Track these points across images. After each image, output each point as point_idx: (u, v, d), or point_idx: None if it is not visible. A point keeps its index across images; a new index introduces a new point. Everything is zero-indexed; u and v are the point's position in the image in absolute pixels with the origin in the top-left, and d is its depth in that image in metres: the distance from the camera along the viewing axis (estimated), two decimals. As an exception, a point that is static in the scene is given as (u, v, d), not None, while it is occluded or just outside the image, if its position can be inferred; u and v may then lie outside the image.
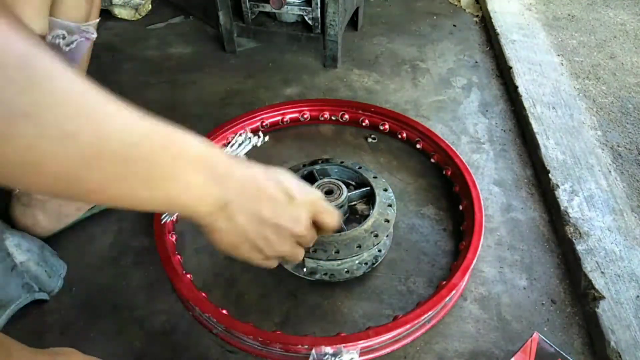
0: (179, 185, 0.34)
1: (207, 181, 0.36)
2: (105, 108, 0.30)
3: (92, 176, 0.30)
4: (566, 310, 0.68)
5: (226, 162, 0.37)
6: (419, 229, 0.78)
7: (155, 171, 0.33)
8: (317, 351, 0.58)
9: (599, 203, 0.79)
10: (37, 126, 0.27)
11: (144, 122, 0.32)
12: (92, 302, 0.69)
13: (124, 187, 0.32)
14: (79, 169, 0.29)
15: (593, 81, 1.08)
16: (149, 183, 0.33)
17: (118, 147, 0.30)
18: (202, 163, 0.35)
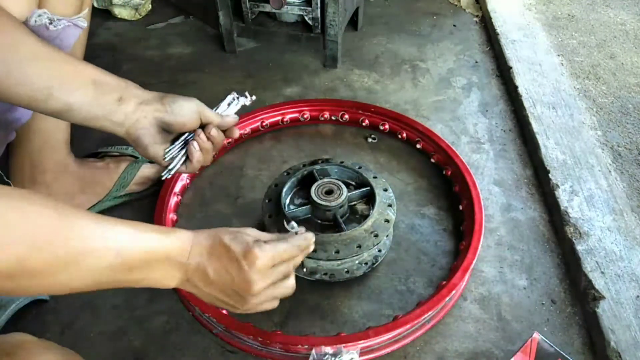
0: (147, 283, 0.45)
1: (170, 274, 0.46)
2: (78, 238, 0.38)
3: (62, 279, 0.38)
4: (566, 310, 0.68)
5: (184, 251, 0.46)
6: (419, 229, 0.78)
7: (125, 280, 0.42)
8: (317, 351, 0.58)
9: (599, 203, 0.79)
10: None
11: (115, 243, 0.40)
12: (92, 302, 0.69)
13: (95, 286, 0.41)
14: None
15: (593, 81, 1.08)
16: (120, 283, 0.42)
17: (90, 266, 0.39)
18: (166, 264, 0.45)
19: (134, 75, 1.13)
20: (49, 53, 0.51)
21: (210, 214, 0.82)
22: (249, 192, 0.84)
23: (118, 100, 0.53)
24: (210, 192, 0.86)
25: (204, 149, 0.58)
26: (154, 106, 0.55)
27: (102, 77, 0.54)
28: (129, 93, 0.54)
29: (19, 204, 0.35)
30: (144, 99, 0.55)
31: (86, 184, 0.77)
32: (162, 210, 0.75)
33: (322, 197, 0.70)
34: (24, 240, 0.35)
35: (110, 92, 0.53)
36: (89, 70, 0.53)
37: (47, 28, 0.56)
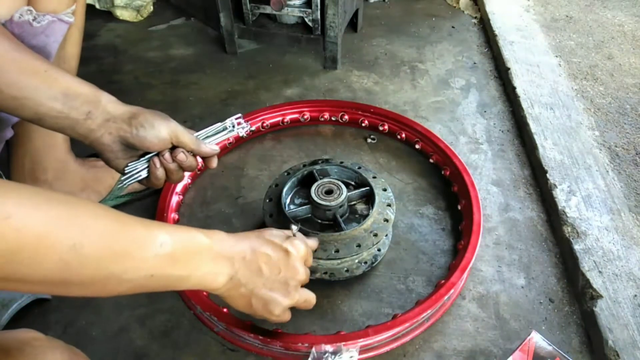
0: (196, 281, 0.44)
1: (217, 270, 0.46)
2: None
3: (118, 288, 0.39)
4: (564, 309, 0.69)
5: (229, 244, 0.47)
6: (418, 229, 0.79)
7: (176, 278, 0.42)
8: (317, 349, 0.58)
9: (597, 203, 0.80)
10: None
11: (161, 250, 0.40)
12: (93, 301, 0.69)
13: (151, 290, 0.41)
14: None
15: (591, 82, 1.09)
16: (167, 280, 0.42)
17: (139, 278, 0.39)
18: (212, 257, 0.45)
19: (136, 76, 1.14)
20: (21, 63, 0.50)
21: (211, 214, 0.82)
22: (250, 191, 0.84)
23: (86, 115, 0.52)
24: (211, 192, 0.86)
25: (167, 169, 0.57)
26: (120, 125, 0.53)
27: (75, 89, 0.53)
28: (99, 109, 0.53)
29: (68, 201, 0.36)
30: (112, 116, 0.53)
31: (88, 182, 0.78)
32: (163, 210, 0.76)
33: (322, 197, 0.70)
34: (79, 233, 0.35)
35: (79, 106, 0.52)
36: (61, 82, 0.52)
37: (30, 24, 0.56)
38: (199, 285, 0.45)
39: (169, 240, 0.41)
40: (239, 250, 0.47)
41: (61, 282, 0.35)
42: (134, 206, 0.83)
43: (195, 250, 0.43)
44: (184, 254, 0.42)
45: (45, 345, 0.46)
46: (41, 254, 0.33)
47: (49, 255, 0.33)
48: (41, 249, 0.33)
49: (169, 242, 0.41)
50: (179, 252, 0.41)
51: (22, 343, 0.44)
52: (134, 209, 0.83)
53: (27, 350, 0.44)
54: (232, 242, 0.47)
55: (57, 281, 0.35)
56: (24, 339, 0.45)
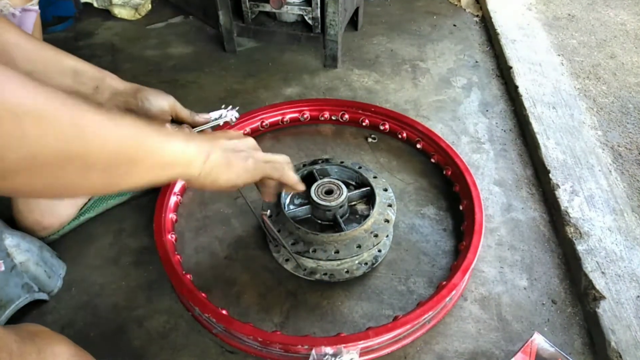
0: (168, 173, 0.44)
1: (190, 171, 0.46)
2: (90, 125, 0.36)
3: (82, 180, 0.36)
4: (567, 310, 0.68)
5: (201, 160, 0.47)
6: (419, 229, 0.78)
7: (141, 172, 0.41)
8: (317, 351, 0.58)
9: (600, 203, 0.79)
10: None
11: (123, 131, 0.39)
12: (91, 302, 0.69)
13: (123, 183, 0.40)
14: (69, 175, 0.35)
15: (593, 81, 1.08)
16: (136, 180, 0.41)
17: (105, 159, 0.37)
18: (187, 166, 0.45)
19: (134, 75, 1.13)
20: (32, 42, 0.55)
21: (210, 214, 0.81)
22: (249, 192, 0.83)
23: (94, 89, 0.57)
24: (209, 192, 0.85)
25: None
26: (126, 98, 0.58)
27: (81, 67, 0.57)
28: (105, 84, 0.58)
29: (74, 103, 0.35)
30: (118, 90, 0.58)
31: None
32: (161, 210, 0.75)
33: (322, 197, 0.70)
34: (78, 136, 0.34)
35: (87, 81, 0.57)
36: (69, 60, 0.57)
37: (13, 16, 0.61)
38: (169, 178, 0.45)
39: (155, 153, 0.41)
40: (209, 145, 0.48)
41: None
42: (132, 205, 0.82)
43: (174, 162, 0.44)
44: (166, 164, 0.43)
45: (53, 337, 0.49)
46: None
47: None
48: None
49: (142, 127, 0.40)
50: (162, 163, 0.42)
51: (32, 334, 0.47)
52: (132, 208, 0.82)
53: (37, 341, 0.47)
54: (203, 141, 0.48)
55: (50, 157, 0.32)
56: (34, 331, 0.48)
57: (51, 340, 0.48)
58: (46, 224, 0.73)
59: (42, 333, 0.48)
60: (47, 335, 0.49)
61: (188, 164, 0.46)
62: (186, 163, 0.46)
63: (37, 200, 0.72)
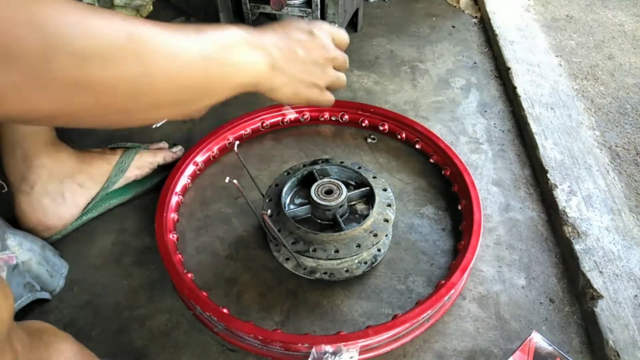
0: (238, 75, 0.45)
1: (256, 60, 0.46)
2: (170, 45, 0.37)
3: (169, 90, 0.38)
4: (564, 309, 0.69)
5: (260, 36, 0.47)
6: (418, 229, 0.79)
7: (214, 78, 0.42)
8: (317, 350, 0.58)
9: (597, 203, 0.80)
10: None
11: (192, 45, 0.39)
12: (93, 301, 0.69)
13: (207, 92, 0.42)
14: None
15: (591, 82, 1.09)
16: (212, 88, 0.42)
17: (174, 73, 0.37)
18: (249, 48, 0.45)
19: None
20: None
21: (211, 214, 0.82)
22: (250, 191, 0.84)
23: None
24: (211, 192, 0.86)
25: None
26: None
27: None
28: None
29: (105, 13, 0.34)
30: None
31: (82, 167, 0.76)
32: (162, 210, 0.76)
33: (322, 197, 0.70)
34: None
35: None
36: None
37: None
38: (245, 77, 0.45)
39: (208, 40, 0.41)
40: (271, 40, 0.48)
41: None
42: (134, 205, 0.83)
43: (228, 42, 0.43)
44: (223, 48, 0.42)
45: (58, 334, 0.50)
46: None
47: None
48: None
49: (209, 43, 0.41)
50: (218, 46, 0.41)
51: (39, 331, 0.48)
52: (133, 207, 0.82)
53: (44, 337, 0.48)
54: (260, 33, 0.48)
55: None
56: (40, 328, 0.49)
57: (57, 338, 0.49)
58: (50, 225, 0.73)
59: (47, 330, 0.49)
60: (52, 332, 0.49)
61: (257, 83, 0.47)
62: (256, 82, 0.46)
63: (40, 201, 0.72)
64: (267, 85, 0.49)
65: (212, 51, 0.41)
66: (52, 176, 0.73)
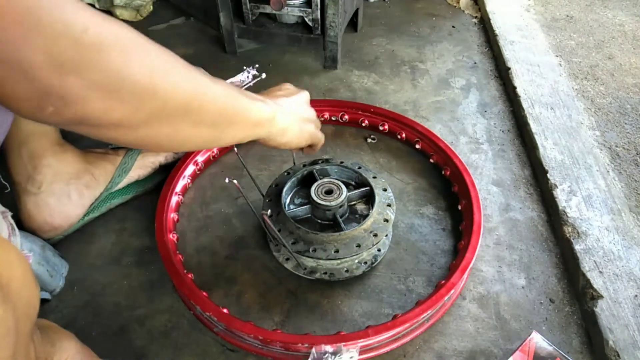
0: (256, 131, 0.54)
1: (280, 125, 0.57)
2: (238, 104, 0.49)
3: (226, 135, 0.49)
4: (564, 309, 0.69)
5: (271, 102, 0.56)
6: (418, 229, 0.79)
7: (248, 124, 0.52)
8: (317, 350, 0.58)
9: (597, 203, 0.80)
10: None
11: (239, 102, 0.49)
12: (93, 301, 0.69)
13: (231, 137, 0.51)
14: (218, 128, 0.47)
15: (591, 82, 1.09)
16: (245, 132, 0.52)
17: (215, 97, 0.46)
18: (265, 116, 0.54)
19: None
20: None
21: (211, 214, 0.82)
22: (250, 192, 0.84)
23: None
24: (211, 192, 0.86)
25: None
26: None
27: None
28: None
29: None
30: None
31: (88, 164, 0.77)
32: (163, 210, 0.76)
33: (322, 197, 0.70)
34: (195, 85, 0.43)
35: None
36: None
37: None
38: (255, 135, 0.54)
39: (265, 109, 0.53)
40: (281, 108, 0.57)
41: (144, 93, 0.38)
42: (134, 205, 0.83)
43: (271, 117, 0.54)
44: (264, 120, 0.53)
45: (61, 332, 0.51)
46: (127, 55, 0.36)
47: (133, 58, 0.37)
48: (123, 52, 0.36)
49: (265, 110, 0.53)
50: (262, 120, 0.53)
51: (45, 327, 0.49)
52: (133, 208, 0.82)
53: (50, 334, 0.49)
54: (274, 102, 0.57)
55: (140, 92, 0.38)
56: (44, 325, 0.51)
57: (61, 335, 0.50)
58: (56, 225, 0.73)
59: (52, 327, 0.50)
60: (56, 329, 0.50)
61: (270, 124, 0.54)
62: (268, 123, 0.54)
63: (46, 201, 0.72)
64: (277, 126, 0.56)
65: (237, 92, 0.50)
66: (58, 176, 0.73)
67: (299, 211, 0.72)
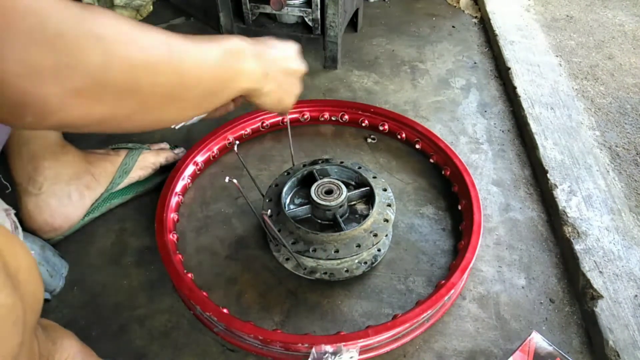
0: (243, 79, 0.49)
1: (256, 68, 0.51)
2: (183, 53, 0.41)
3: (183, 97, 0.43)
4: (564, 309, 0.69)
5: (256, 46, 0.52)
6: (418, 229, 0.79)
7: (226, 82, 0.48)
8: (317, 350, 0.58)
9: (597, 203, 0.80)
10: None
11: (210, 54, 0.44)
12: (93, 301, 0.69)
13: (210, 99, 0.47)
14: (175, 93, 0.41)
15: (591, 82, 1.09)
16: (223, 91, 0.48)
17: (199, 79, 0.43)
18: (251, 57, 0.50)
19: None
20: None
21: (211, 214, 0.82)
22: (249, 192, 0.84)
23: None
24: (210, 192, 0.86)
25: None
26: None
27: None
28: None
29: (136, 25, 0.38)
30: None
31: (89, 165, 0.77)
32: (163, 210, 0.76)
33: (322, 197, 0.70)
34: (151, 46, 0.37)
35: None
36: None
37: None
38: (246, 81, 0.50)
39: (221, 49, 0.46)
40: (264, 51, 0.53)
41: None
42: (134, 205, 0.83)
43: (237, 50, 0.48)
44: (232, 56, 0.47)
45: (62, 331, 0.52)
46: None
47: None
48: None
49: (220, 51, 0.46)
50: (229, 55, 0.47)
51: (46, 326, 0.49)
52: (133, 207, 0.82)
53: (51, 332, 0.49)
54: (255, 43, 0.53)
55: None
56: (46, 324, 0.51)
57: (61, 334, 0.50)
58: (56, 225, 0.73)
59: (53, 326, 0.50)
60: (57, 328, 0.50)
61: (257, 84, 0.51)
62: (256, 84, 0.51)
63: (47, 202, 0.72)
64: (260, 90, 0.53)
65: (224, 59, 0.46)
66: (59, 177, 0.73)
67: (299, 211, 0.72)
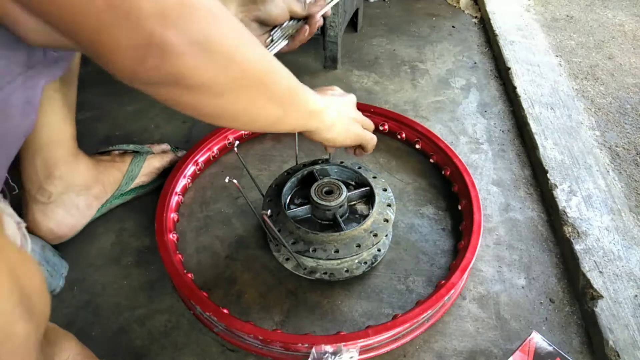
0: (314, 129, 0.57)
1: (327, 122, 0.58)
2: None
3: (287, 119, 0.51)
4: (564, 309, 0.69)
5: (332, 105, 0.59)
6: (418, 229, 0.79)
7: (299, 129, 0.56)
8: (317, 350, 0.58)
9: (597, 203, 0.80)
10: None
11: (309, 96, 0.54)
12: (93, 301, 0.69)
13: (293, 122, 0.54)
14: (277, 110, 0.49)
15: (591, 82, 1.09)
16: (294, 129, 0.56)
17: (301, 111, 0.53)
18: (328, 117, 0.58)
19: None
20: None
21: (211, 214, 0.82)
22: (250, 192, 0.84)
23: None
24: (211, 192, 0.86)
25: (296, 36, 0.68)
26: (250, 7, 0.64)
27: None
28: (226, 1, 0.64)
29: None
30: (240, 2, 0.64)
31: (99, 174, 0.77)
32: (163, 210, 0.76)
33: (322, 197, 0.70)
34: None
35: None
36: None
37: None
38: (316, 134, 0.58)
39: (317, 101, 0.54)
40: (331, 103, 0.59)
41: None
42: (134, 205, 0.83)
43: (321, 111, 0.56)
44: (314, 117, 0.55)
45: (61, 333, 0.52)
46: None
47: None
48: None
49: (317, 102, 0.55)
50: (311, 115, 0.55)
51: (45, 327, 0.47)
52: (133, 208, 0.82)
53: (50, 334, 0.49)
54: (329, 101, 0.59)
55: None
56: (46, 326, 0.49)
57: (61, 336, 0.50)
58: (61, 234, 0.74)
59: (51, 328, 0.50)
60: (56, 330, 0.51)
61: (321, 116, 0.56)
62: (320, 115, 0.56)
63: (55, 211, 0.72)
64: (326, 121, 0.58)
65: (307, 120, 0.55)
66: (69, 188, 0.73)
67: (299, 211, 0.72)
